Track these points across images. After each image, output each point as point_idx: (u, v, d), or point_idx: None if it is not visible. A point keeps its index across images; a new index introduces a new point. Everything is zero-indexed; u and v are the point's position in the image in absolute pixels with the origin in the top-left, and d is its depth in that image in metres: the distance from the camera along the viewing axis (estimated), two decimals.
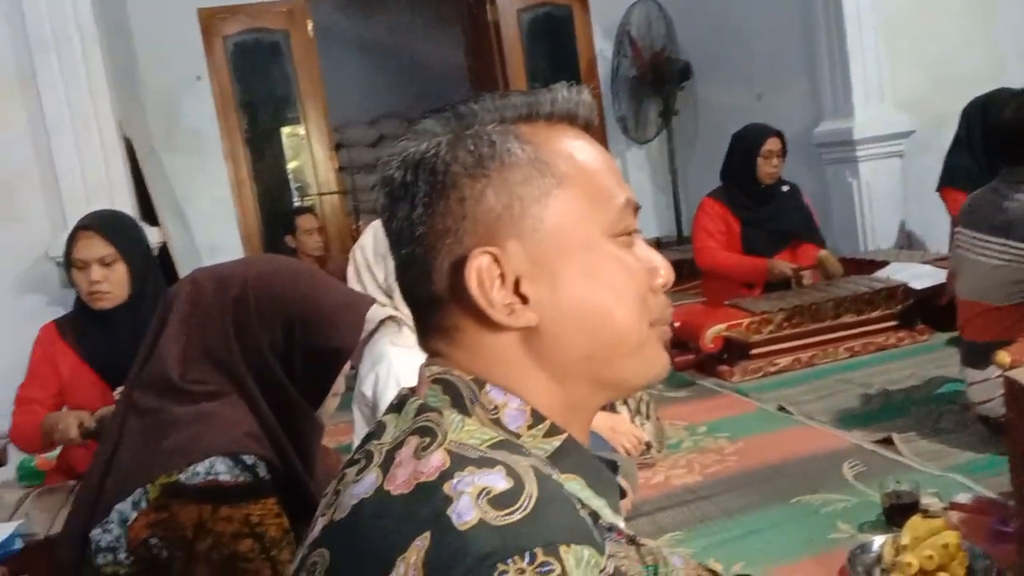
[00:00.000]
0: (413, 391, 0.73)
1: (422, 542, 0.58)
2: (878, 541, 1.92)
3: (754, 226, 3.80)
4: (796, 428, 2.82)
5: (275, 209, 5.48)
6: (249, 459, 1.27)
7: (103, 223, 2.28)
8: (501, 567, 0.55)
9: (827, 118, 4.61)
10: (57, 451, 2.39)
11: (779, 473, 2.44)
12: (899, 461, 2.43)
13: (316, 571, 0.64)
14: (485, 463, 0.62)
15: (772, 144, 3.74)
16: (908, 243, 4.61)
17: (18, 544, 1.51)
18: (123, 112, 3.63)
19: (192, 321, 1.36)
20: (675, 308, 3.96)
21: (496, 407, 0.69)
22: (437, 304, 0.71)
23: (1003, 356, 1.68)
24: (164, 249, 3.54)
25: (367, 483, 0.66)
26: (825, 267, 3.79)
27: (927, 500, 2.08)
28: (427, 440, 0.65)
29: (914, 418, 2.73)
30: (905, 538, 1.83)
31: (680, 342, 3.60)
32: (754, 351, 3.46)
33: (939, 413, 2.74)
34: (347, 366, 1.45)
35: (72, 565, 1.31)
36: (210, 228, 5.02)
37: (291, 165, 6.00)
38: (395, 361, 2.01)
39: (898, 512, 2.02)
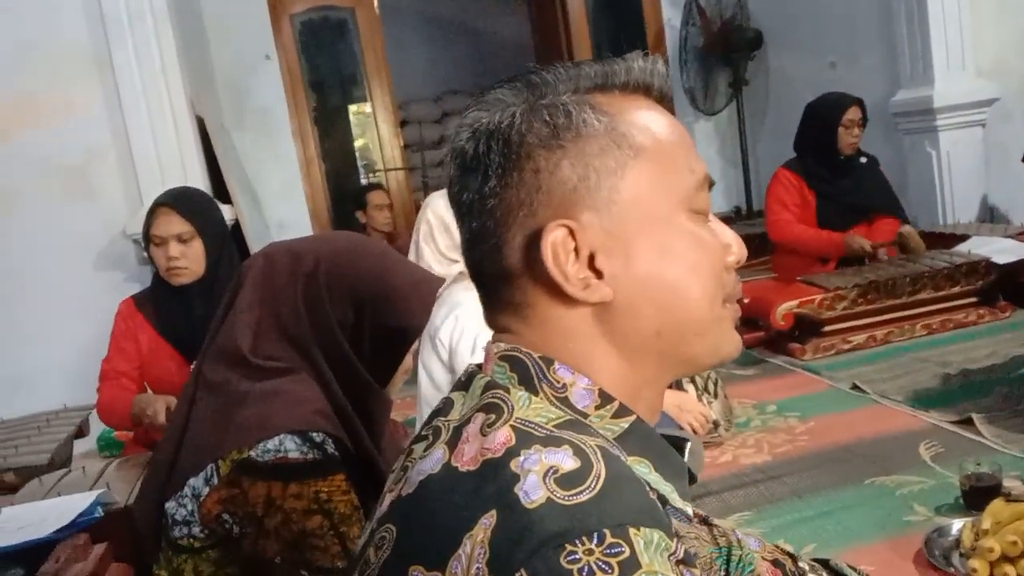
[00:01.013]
0: (480, 368, 0.73)
1: (489, 520, 0.57)
2: (957, 525, 1.86)
3: (830, 199, 3.70)
4: (870, 407, 2.74)
5: (342, 186, 5.53)
6: (318, 436, 1.27)
7: (181, 200, 2.32)
8: (569, 548, 0.54)
9: (905, 86, 4.44)
10: None
11: (852, 453, 2.38)
12: (979, 442, 2.35)
13: (384, 546, 0.64)
14: (551, 441, 0.61)
15: (853, 113, 3.62)
16: (990, 216, 4.43)
17: (99, 512, 1.55)
18: (194, 91, 3.70)
19: (265, 295, 1.37)
20: (745, 284, 3.89)
21: (564, 385, 0.67)
22: (508, 279, 0.70)
23: None
24: (236, 226, 3.61)
25: (434, 459, 0.65)
26: (907, 243, 3.67)
27: (1009, 483, 1.99)
28: (493, 417, 0.64)
29: (995, 398, 2.63)
30: (986, 522, 1.76)
31: (750, 319, 3.53)
32: (827, 328, 3.37)
33: (1022, 394, 2.63)
34: (415, 344, 1.45)
35: (151, 534, 1.35)
36: (279, 205, 5.10)
37: (358, 143, 6.05)
38: (472, 304, 2.03)
39: (978, 495, 1.94)
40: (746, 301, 3.52)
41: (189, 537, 1.29)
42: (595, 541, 0.54)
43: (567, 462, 0.59)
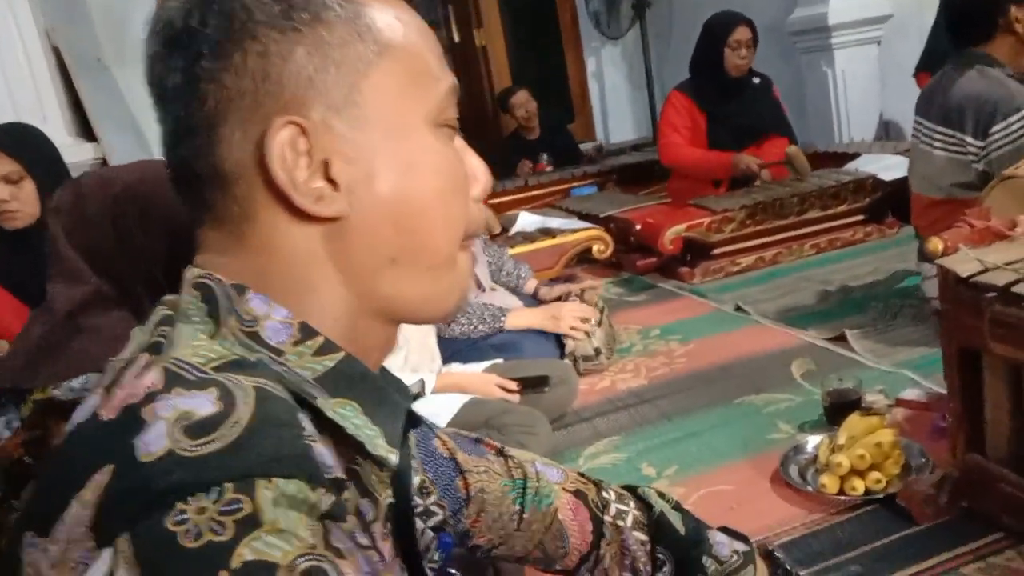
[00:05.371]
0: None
1: (102, 476, 0.48)
2: (813, 441, 1.86)
3: (721, 121, 3.64)
4: (750, 328, 2.74)
5: None
6: None
7: (6, 138, 2.15)
8: (180, 506, 0.46)
9: (801, 4, 4.39)
10: None
11: (726, 374, 2.37)
12: (851, 358, 2.36)
13: (24, 508, 0.56)
14: (197, 384, 0.52)
15: (740, 34, 3.54)
16: (886, 133, 4.45)
17: None
18: (50, 22, 3.44)
19: (77, 228, 1.27)
20: (637, 210, 3.81)
21: (255, 319, 0.58)
22: (221, 185, 0.59)
23: (935, 243, 1.56)
24: (104, 165, 3.41)
25: (87, 407, 0.56)
26: (793, 164, 3.63)
27: (872, 397, 2.01)
28: (154, 358, 0.55)
29: (871, 314, 2.65)
30: (841, 437, 1.77)
31: (642, 245, 3.50)
32: (716, 251, 3.35)
33: (898, 308, 2.65)
34: None
35: None
36: None
37: None
38: None
39: (839, 410, 1.94)
40: (638, 228, 3.48)
41: None
42: (212, 497, 0.46)
43: (205, 407, 0.50)
